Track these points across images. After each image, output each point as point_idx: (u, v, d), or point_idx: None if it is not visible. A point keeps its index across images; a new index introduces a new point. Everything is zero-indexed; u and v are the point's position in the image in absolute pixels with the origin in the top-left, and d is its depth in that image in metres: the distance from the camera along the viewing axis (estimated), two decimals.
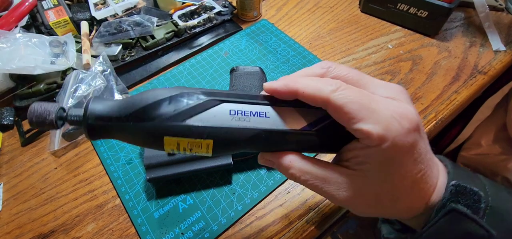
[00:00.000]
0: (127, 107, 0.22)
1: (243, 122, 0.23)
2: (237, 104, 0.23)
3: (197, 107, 0.22)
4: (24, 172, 0.48)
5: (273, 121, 0.23)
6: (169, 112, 0.21)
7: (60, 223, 0.43)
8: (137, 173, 0.46)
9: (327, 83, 0.21)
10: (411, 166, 0.21)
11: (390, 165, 0.21)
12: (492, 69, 0.57)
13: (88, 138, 0.23)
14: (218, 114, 0.22)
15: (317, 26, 0.67)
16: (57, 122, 0.22)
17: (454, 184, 0.23)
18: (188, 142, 0.22)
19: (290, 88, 0.22)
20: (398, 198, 0.22)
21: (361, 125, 0.20)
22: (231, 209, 0.43)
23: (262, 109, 0.23)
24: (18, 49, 0.53)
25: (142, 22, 0.61)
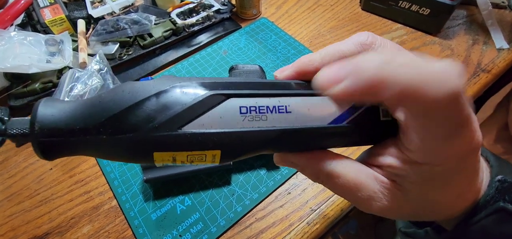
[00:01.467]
0: (97, 113, 0.16)
1: (258, 122, 0.17)
2: (249, 98, 0.17)
3: (196, 107, 0.16)
4: (19, 172, 0.47)
5: (296, 117, 0.18)
6: (157, 118, 0.16)
7: (55, 225, 0.42)
8: (134, 173, 0.45)
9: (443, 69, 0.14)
10: (466, 180, 0.18)
11: (437, 185, 0.18)
12: (495, 67, 0.56)
13: (42, 158, 0.16)
14: (225, 114, 0.17)
15: (317, 24, 0.66)
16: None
17: (500, 180, 0.20)
18: (188, 155, 0.17)
19: (373, 83, 0.15)
20: (441, 210, 0.19)
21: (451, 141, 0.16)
22: (230, 210, 0.42)
23: (282, 102, 0.18)
24: (13, 48, 0.52)
25: (140, 20, 0.60)
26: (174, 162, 0.17)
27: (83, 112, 0.16)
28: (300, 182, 0.44)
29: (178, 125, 0.16)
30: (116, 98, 0.16)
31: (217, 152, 0.17)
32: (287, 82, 0.19)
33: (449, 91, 0.14)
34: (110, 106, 0.16)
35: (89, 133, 0.16)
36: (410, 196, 0.18)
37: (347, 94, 0.15)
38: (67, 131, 0.16)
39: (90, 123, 0.16)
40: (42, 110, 0.16)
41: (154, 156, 0.16)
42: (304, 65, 0.20)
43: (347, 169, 0.19)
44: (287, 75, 0.20)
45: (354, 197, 0.19)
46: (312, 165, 0.20)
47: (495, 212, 0.19)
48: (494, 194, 0.19)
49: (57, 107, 0.16)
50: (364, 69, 0.15)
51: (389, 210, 0.19)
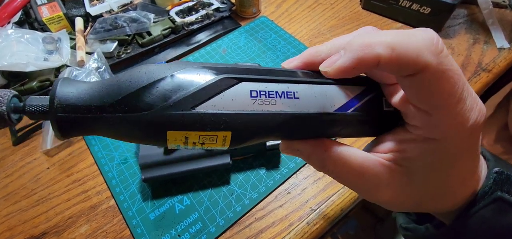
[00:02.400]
0: (112, 92, 0.16)
1: (267, 106, 0.18)
2: (259, 83, 0.18)
3: (209, 88, 0.17)
4: (15, 172, 0.46)
5: (304, 103, 0.18)
6: (172, 97, 0.16)
7: (52, 224, 0.41)
8: (132, 173, 0.45)
9: (420, 38, 0.15)
10: (468, 163, 0.19)
11: (443, 164, 0.18)
12: (496, 66, 0.56)
13: (58, 136, 0.17)
14: (237, 97, 0.17)
15: (317, 23, 0.65)
16: (10, 116, 0.16)
17: (498, 172, 0.20)
18: (200, 135, 0.17)
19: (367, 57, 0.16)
20: (443, 197, 0.20)
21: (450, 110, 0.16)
22: (230, 210, 0.41)
23: (290, 89, 0.18)
24: (10, 46, 0.51)
25: (139, 19, 0.60)
26: (186, 144, 0.18)
27: (100, 91, 0.17)
28: (299, 181, 0.44)
29: (192, 105, 0.17)
30: (132, 78, 0.16)
31: (228, 133, 0.18)
32: (294, 71, 0.20)
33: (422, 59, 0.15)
34: (126, 85, 0.16)
35: (106, 111, 0.16)
36: (417, 180, 0.19)
37: (344, 67, 0.17)
38: (85, 108, 0.16)
39: (107, 101, 0.16)
40: (61, 88, 0.16)
41: (168, 135, 0.17)
42: (311, 57, 0.20)
43: (353, 156, 0.19)
44: (294, 66, 0.21)
45: (361, 186, 0.20)
46: (318, 152, 0.20)
47: (493, 202, 0.19)
48: (491, 185, 0.20)
49: (75, 86, 0.17)
50: (353, 42, 0.17)
51: (395, 198, 0.19)
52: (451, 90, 0.16)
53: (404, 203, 0.20)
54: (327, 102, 0.19)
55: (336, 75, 0.18)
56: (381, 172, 0.19)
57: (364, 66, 0.16)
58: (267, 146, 0.43)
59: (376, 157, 0.20)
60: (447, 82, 0.16)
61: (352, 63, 0.17)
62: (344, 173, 0.19)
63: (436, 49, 0.15)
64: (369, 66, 0.16)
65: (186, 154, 0.41)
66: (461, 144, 0.17)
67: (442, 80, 0.16)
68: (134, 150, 0.47)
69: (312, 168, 0.45)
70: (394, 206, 0.20)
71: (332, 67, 0.18)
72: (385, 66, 0.16)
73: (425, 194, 0.19)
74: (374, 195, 0.20)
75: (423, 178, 0.18)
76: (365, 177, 0.19)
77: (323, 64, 0.18)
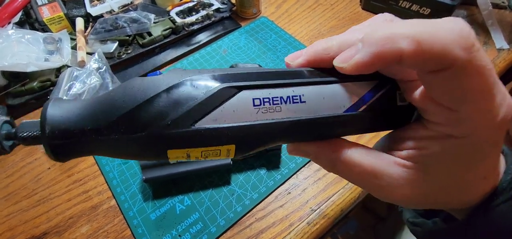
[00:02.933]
0: (107, 112, 0.15)
1: (272, 113, 0.17)
2: (262, 89, 0.17)
3: (208, 101, 0.16)
4: (16, 172, 0.46)
5: (311, 106, 0.17)
6: (169, 115, 0.15)
7: (53, 225, 0.41)
8: (133, 173, 0.45)
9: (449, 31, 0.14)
10: (495, 158, 0.18)
11: (468, 159, 0.17)
12: (495, 67, 0.56)
13: (54, 160, 0.16)
14: (238, 108, 0.16)
15: (317, 23, 0.66)
16: (3, 144, 0.16)
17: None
18: (202, 151, 0.16)
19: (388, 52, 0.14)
20: (462, 194, 0.19)
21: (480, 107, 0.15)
22: (230, 210, 0.41)
23: (296, 92, 0.17)
24: (10, 46, 0.51)
25: (139, 19, 0.60)
26: (188, 158, 0.17)
27: (93, 112, 0.16)
28: (300, 182, 0.44)
29: (191, 121, 0.16)
30: (125, 96, 0.15)
31: (232, 146, 0.17)
32: (299, 71, 0.18)
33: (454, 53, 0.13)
34: (120, 104, 0.15)
35: (101, 133, 0.15)
36: (436, 177, 0.17)
37: (363, 63, 0.15)
38: (78, 132, 0.15)
39: (101, 123, 0.15)
40: (51, 111, 0.15)
41: (168, 153, 0.16)
42: (318, 54, 0.19)
43: (364, 156, 0.18)
44: (300, 64, 0.19)
45: (373, 185, 0.19)
46: (327, 154, 0.19)
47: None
48: (510, 181, 0.19)
49: (66, 108, 0.16)
50: (372, 35, 0.15)
51: (410, 197, 0.18)
52: (482, 87, 0.15)
53: (419, 201, 0.19)
54: (336, 103, 0.18)
55: (353, 72, 0.16)
56: (395, 171, 0.18)
57: (385, 62, 0.15)
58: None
59: (389, 156, 0.19)
60: (478, 79, 0.14)
61: (371, 59, 0.15)
62: (355, 174, 0.19)
63: (466, 43, 0.14)
64: (390, 62, 0.15)
65: None
66: (489, 140, 0.16)
67: (472, 76, 0.14)
68: None
69: (313, 169, 0.45)
70: (408, 204, 0.19)
71: (349, 64, 0.16)
72: (408, 62, 0.14)
73: (443, 190, 0.18)
74: (388, 194, 0.19)
75: (443, 174, 0.17)
76: (378, 177, 0.18)
77: (338, 59, 0.17)
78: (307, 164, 0.45)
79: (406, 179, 0.18)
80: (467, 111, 0.15)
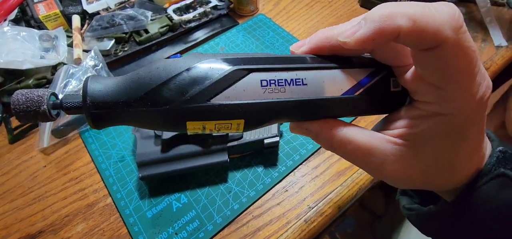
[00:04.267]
0: (136, 88, 0.18)
1: (277, 94, 0.19)
2: (269, 72, 0.19)
3: (222, 81, 0.18)
4: (12, 170, 0.46)
5: (312, 89, 0.20)
6: (189, 91, 0.18)
7: (48, 223, 0.41)
8: (130, 171, 0.45)
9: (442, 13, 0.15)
10: (474, 138, 0.19)
11: (453, 137, 0.18)
12: (494, 65, 0.56)
13: (92, 127, 0.19)
14: (248, 87, 0.19)
15: (315, 21, 0.65)
16: (51, 112, 0.18)
17: (501, 150, 0.21)
18: (216, 124, 0.19)
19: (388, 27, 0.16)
20: (449, 172, 0.20)
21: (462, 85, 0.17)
22: (227, 208, 0.41)
23: (299, 76, 0.20)
24: (6, 43, 0.51)
25: (136, 16, 0.60)
26: (203, 130, 0.19)
27: (125, 88, 0.18)
28: (297, 179, 0.44)
29: (207, 97, 0.18)
30: (151, 74, 0.18)
31: (241, 121, 0.19)
32: (303, 57, 0.20)
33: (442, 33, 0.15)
34: (147, 82, 0.18)
35: (131, 106, 0.18)
36: (425, 154, 0.19)
37: (365, 38, 0.17)
38: (113, 104, 0.18)
39: (132, 97, 0.18)
40: (91, 86, 0.18)
41: (187, 124, 0.19)
42: (320, 41, 0.20)
43: (358, 134, 0.20)
44: (304, 51, 0.21)
45: (367, 162, 0.20)
46: (325, 131, 0.21)
47: (496, 178, 0.20)
48: (495, 162, 0.20)
49: (103, 83, 0.19)
50: (374, 13, 0.17)
51: (401, 174, 0.20)
52: (466, 66, 0.16)
53: (411, 178, 0.20)
54: (335, 87, 0.20)
55: (356, 46, 0.17)
56: (388, 148, 0.20)
57: (385, 37, 0.16)
58: (265, 144, 0.43)
59: (382, 134, 0.20)
60: (463, 58, 0.16)
61: (372, 34, 0.16)
62: (351, 151, 0.20)
63: (456, 24, 0.15)
64: (389, 38, 0.16)
65: (183, 151, 0.41)
66: (469, 117, 0.18)
67: (459, 56, 0.16)
68: (131, 148, 0.47)
69: (310, 166, 0.45)
70: (401, 182, 0.21)
71: (352, 38, 0.17)
72: (405, 39, 0.16)
73: (432, 167, 0.20)
74: (381, 171, 0.20)
75: (432, 151, 0.19)
76: (371, 153, 0.20)
77: (342, 35, 0.18)
78: (304, 161, 0.45)
79: (397, 156, 0.19)
80: (452, 88, 0.17)
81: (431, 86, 0.18)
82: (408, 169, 0.20)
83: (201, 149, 0.41)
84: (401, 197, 0.29)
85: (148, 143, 0.41)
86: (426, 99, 0.18)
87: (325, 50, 0.20)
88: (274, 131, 0.43)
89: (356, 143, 0.20)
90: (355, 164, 0.21)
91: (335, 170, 0.44)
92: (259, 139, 0.43)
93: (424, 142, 0.19)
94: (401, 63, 0.20)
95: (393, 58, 0.20)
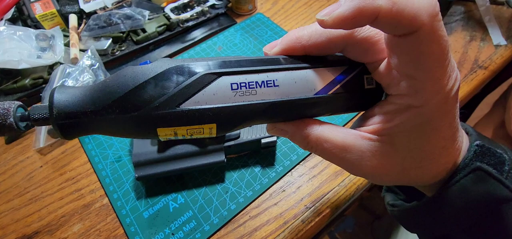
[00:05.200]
0: (104, 97, 0.18)
1: (248, 96, 0.19)
2: (239, 75, 0.19)
3: (191, 86, 0.18)
4: (8, 170, 0.46)
5: (284, 90, 0.19)
6: (157, 98, 0.18)
7: (44, 223, 0.41)
8: (126, 171, 0.45)
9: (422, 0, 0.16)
10: (447, 129, 0.19)
11: (424, 130, 0.19)
12: (493, 64, 0.55)
13: (61, 137, 0.19)
14: (218, 91, 0.19)
15: (314, 20, 0.65)
16: (18, 124, 0.18)
17: (479, 144, 0.21)
18: (187, 129, 0.19)
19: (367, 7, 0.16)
20: (425, 165, 0.20)
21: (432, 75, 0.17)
22: (224, 208, 0.41)
23: (269, 77, 0.19)
24: (2, 43, 0.51)
25: (133, 15, 0.59)
26: (176, 136, 0.19)
27: (92, 96, 0.18)
28: (294, 179, 0.43)
29: (176, 103, 0.18)
30: (119, 82, 0.18)
31: (213, 125, 0.19)
32: (275, 58, 0.20)
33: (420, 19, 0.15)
34: (114, 90, 0.18)
35: (99, 114, 0.18)
36: (399, 147, 0.19)
37: (343, 16, 0.16)
38: (81, 113, 0.18)
39: (99, 105, 0.18)
40: (58, 96, 0.18)
41: (158, 131, 0.19)
42: (291, 42, 0.20)
43: (334, 133, 0.20)
44: (276, 52, 0.21)
45: (344, 160, 0.21)
46: (300, 131, 0.21)
47: (472, 172, 0.20)
48: (472, 157, 0.21)
49: (70, 93, 0.18)
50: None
51: (379, 169, 0.20)
52: (438, 55, 0.17)
53: (388, 174, 0.20)
54: (307, 86, 0.20)
55: (334, 25, 0.17)
56: (363, 144, 0.20)
57: (363, 18, 0.16)
58: (262, 144, 0.43)
59: (358, 131, 0.21)
60: (437, 46, 0.16)
61: (351, 13, 0.16)
62: (327, 149, 0.21)
63: (433, 11, 0.16)
64: (368, 18, 0.16)
65: (180, 152, 0.40)
66: (440, 108, 0.18)
67: (433, 43, 0.16)
68: (128, 148, 0.47)
69: (308, 166, 0.44)
70: (379, 178, 0.21)
71: (330, 16, 0.17)
72: (383, 20, 0.16)
73: (408, 161, 0.20)
74: (359, 168, 0.20)
75: (405, 145, 0.19)
76: (348, 150, 0.20)
77: (321, 13, 0.18)
78: (301, 161, 0.45)
79: (373, 152, 0.20)
80: (423, 77, 0.17)
81: (403, 76, 0.18)
82: (385, 164, 0.20)
83: (198, 149, 0.41)
84: (386, 194, 0.29)
85: (145, 143, 0.41)
86: (399, 91, 0.19)
87: (297, 51, 0.21)
88: None
89: (332, 141, 0.20)
90: (332, 162, 0.21)
91: (333, 170, 0.44)
92: (256, 139, 0.42)
93: (398, 135, 0.19)
94: (374, 59, 0.20)
95: (366, 54, 0.20)
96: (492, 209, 0.21)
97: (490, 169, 0.20)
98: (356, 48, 0.20)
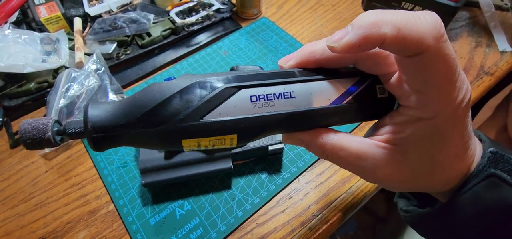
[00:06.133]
0: (133, 111, 0.19)
1: (267, 108, 0.20)
2: (258, 88, 0.20)
3: (213, 99, 0.19)
4: (13, 175, 0.46)
5: (300, 101, 0.21)
6: (182, 112, 0.19)
7: (50, 229, 0.41)
8: (132, 177, 0.44)
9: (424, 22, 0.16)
10: (458, 139, 0.20)
11: (436, 139, 0.19)
12: (498, 70, 0.55)
13: (94, 149, 0.20)
14: (238, 104, 0.20)
15: (319, 25, 0.65)
16: (55, 138, 0.19)
17: (492, 151, 0.21)
18: (210, 140, 0.20)
19: (373, 35, 0.17)
20: (438, 173, 0.21)
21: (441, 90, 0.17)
22: (231, 215, 0.41)
23: (287, 89, 0.21)
24: (7, 47, 0.50)
25: (138, 19, 0.59)
26: (199, 147, 0.20)
27: (123, 111, 0.20)
28: (302, 186, 0.43)
29: (200, 116, 0.19)
30: (147, 97, 0.19)
31: (234, 136, 0.20)
32: (291, 71, 0.22)
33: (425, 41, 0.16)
34: (143, 105, 0.19)
35: (129, 127, 0.19)
36: (411, 156, 0.20)
37: (351, 44, 0.17)
38: (112, 127, 0.19)
39: (129, 119, 0.19)
40: (91, 112, 0.19)
41: (183, 142, 0.20)
42: (306, 56, 0.21)
43: (349, 141, 0.21)
44: (291, 65, 0.22)
45: (359, 167, 0.21)
46: (316, 140, 0.22)
47: (486, 178, 0.21)
48: (486, 163, 0.21)
49: (102, 109, 0.20)
50: (361, 20, 0.17)
51: (392, 177, 0.21)
52: (446, 72, 0.17)
53: (402, 181, 0.21)
54: (322, 97, 0.21)
55: (343, 51, 0.18)
56: (378, 153, 0.21)
57: (370, 44, 0.17)
58: (269, 151, 0.42)
59: (372, 140, 0.21)
60: (443, 65, 0.17)
61: (358, 40, 0.17)
62: (343, 158, 0.21)
63: (437, 34, 0.16)
64: (374, 44, 0.17)
65: (187, 158, 0.40)
66: (451, 120, 0.19)
67: (439, 63, 0.17)
68: (134, 154, 0.47)
69: (315, 173, 0.44)
70: (392, 185, 0.22)
71: (339, 44, 0.18)
72: (389, 45, 0.17)
73: (420, 169, 0.20)
74: (373, 175, 0.21)
75: (417, 154, 0.20)
76: (363, 158, 0.21)
77: (330, 40, 0.19)
78: (308, 168, 0.45)
79: (387, 160, 0.20)
80: (432, 93, 0.18)
81: (414, 91, 0.19)
82: (398, 171, 0.21)
83: (205, 155, 0.40)
84: (399, 200, 0.30)
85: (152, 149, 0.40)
86: (409, 104, 0.19)
87: (311, 64, 0.21)
88: (278, 137, 0.43)
89: (347, 149, 0.21)
90: (348, 169, 0.22)
91: (340, 177, 0.44)
92: (263, 146, 0.42)
93: (410, 145, 0.20)
94: (385, 72, 0.21)
95: (377, 67, 0.21)
96: (505, 215, 0.21)
97: (504, 175, 0.21)
98: (368, 61, 0.21)
